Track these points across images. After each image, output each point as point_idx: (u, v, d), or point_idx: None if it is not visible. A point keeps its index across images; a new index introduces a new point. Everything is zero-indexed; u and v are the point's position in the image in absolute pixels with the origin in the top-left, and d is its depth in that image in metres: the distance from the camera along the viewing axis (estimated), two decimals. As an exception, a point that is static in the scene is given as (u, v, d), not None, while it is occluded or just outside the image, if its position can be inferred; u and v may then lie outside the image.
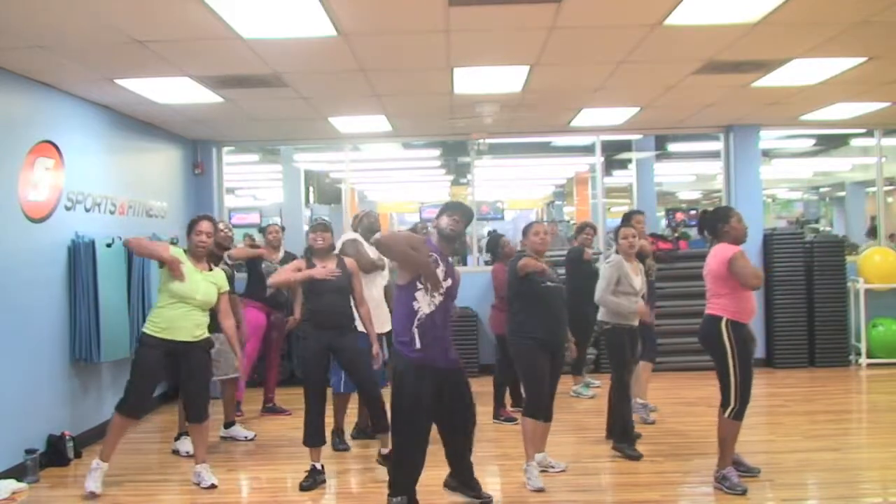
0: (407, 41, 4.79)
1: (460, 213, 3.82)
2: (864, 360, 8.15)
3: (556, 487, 4.48)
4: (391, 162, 12.46)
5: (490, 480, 4.84)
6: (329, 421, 5.06)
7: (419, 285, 3.63)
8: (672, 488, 4.59)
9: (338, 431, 5.56)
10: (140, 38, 4.47)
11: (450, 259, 3.95)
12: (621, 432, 5.16)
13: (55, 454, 5.17)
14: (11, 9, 3.91)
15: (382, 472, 5.16)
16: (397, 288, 3.90)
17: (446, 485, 4.23)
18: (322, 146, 9.78)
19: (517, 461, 4.75)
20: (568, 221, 14.48)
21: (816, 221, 16.33)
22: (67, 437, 5.25)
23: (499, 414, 6.21)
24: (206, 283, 4.66)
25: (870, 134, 9.19)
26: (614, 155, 11.27)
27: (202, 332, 4.68)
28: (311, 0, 3.91)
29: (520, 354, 4.61)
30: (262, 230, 6.69)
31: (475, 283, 7.94)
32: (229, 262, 5.92)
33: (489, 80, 5.87)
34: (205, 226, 4.70)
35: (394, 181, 15.45)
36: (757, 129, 8.48)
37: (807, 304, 8.24)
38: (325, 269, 4.67)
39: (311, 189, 13.38)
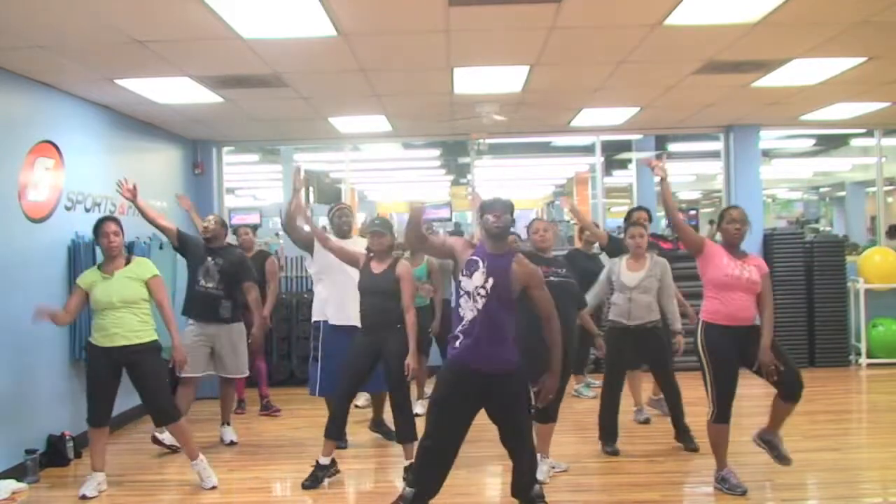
0: (407, 41, 4.79)
1: (501, 208, 3.80)
2: (864, 360, 8.15)
3: (556, 487, 4.47)
4: (391, 162, 12.46)
5: (490, 481, 4.85)
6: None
7: (461, 291, 3.61)
8: (672, 488, 4.59)
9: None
10: (140, 38, 4.47)
11: (507, 257, 3.68)
12: (602, 429, 5.18)
13: (55, 454, 5.17)
14: (11, 9, 3.91)
15: (382, 472, 5.18)
16: None
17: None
18: (322, 146, 9.79)
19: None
20: (568, 221, 14.46)
21: (816, 221, 16.36)
22: (67, 437, 5.25)
23: None
24: (121, 280, 4.56)
25: (870, 134, 9.19)
26: (614, 155, 11.28)
27: (144, 332, 4.59)
28: (311, 0, 3.91)
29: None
30: (235, 232, 6.73)
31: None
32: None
33: (489, 80, 5.87)
34: (109, 227, 4.59)
35: (394, 181, 15.44)
36: (757, 129, 8.48)
37: (807, 304, 8.23)
38: None
39: (311, 189, 13.36)
